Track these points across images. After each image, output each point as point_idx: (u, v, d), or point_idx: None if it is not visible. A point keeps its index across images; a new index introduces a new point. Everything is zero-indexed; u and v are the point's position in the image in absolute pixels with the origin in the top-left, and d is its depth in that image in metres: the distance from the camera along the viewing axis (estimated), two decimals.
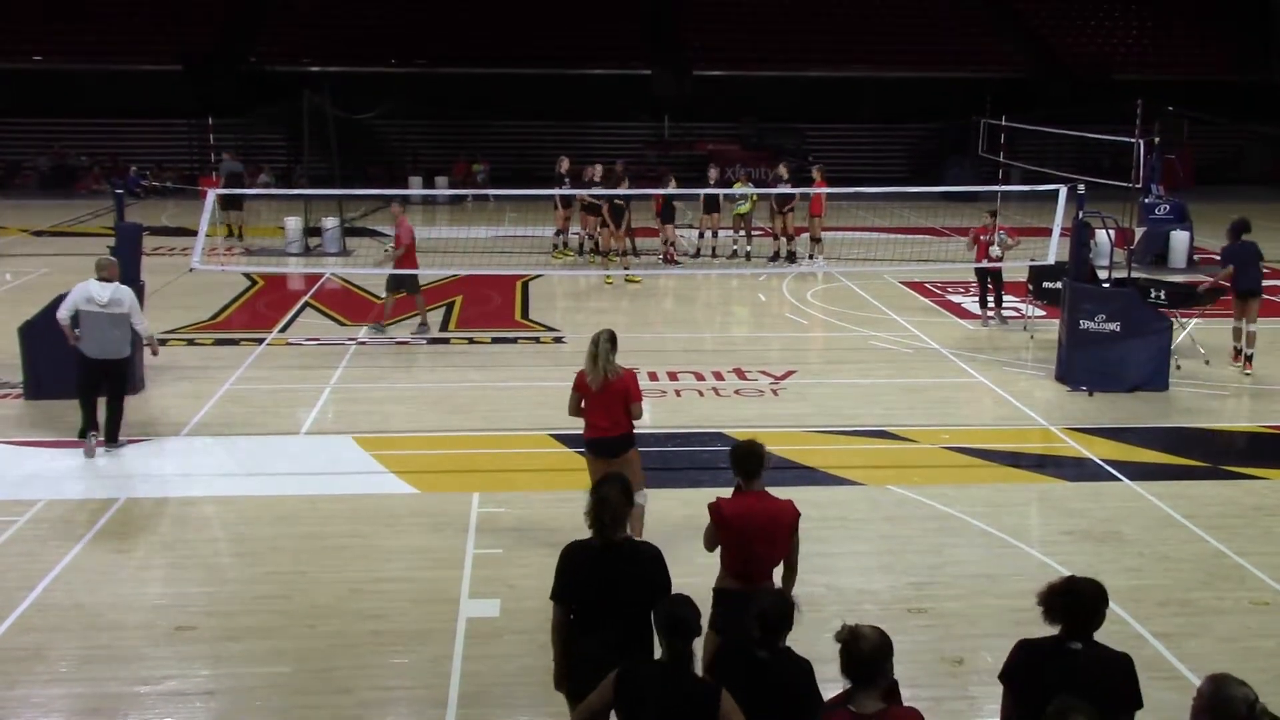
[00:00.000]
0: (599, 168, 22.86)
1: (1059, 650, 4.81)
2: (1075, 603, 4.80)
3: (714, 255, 23.39)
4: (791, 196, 22.57)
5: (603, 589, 5.54)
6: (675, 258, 22.85)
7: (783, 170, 23.56)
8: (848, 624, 4.59)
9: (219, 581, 8.66)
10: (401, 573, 8.74)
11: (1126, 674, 4.80)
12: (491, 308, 18.81)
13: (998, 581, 8.61)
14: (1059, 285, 14.85)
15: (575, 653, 5.59)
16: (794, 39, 40.00)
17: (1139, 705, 4.79)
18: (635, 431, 8.83)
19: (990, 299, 17.54)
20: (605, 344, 8.56)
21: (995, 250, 17.03)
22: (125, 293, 11.28)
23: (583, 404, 8.73)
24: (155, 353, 12.12)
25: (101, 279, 11.23)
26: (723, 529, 6.24)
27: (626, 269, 20.99)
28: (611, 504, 5.58)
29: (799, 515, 6.22)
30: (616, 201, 21.19)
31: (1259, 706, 3.99)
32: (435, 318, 17.83)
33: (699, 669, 4.99)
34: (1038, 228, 18.94)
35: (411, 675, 7.31)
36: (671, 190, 22.12)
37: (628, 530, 5.78)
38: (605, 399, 8.57)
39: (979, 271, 17.64)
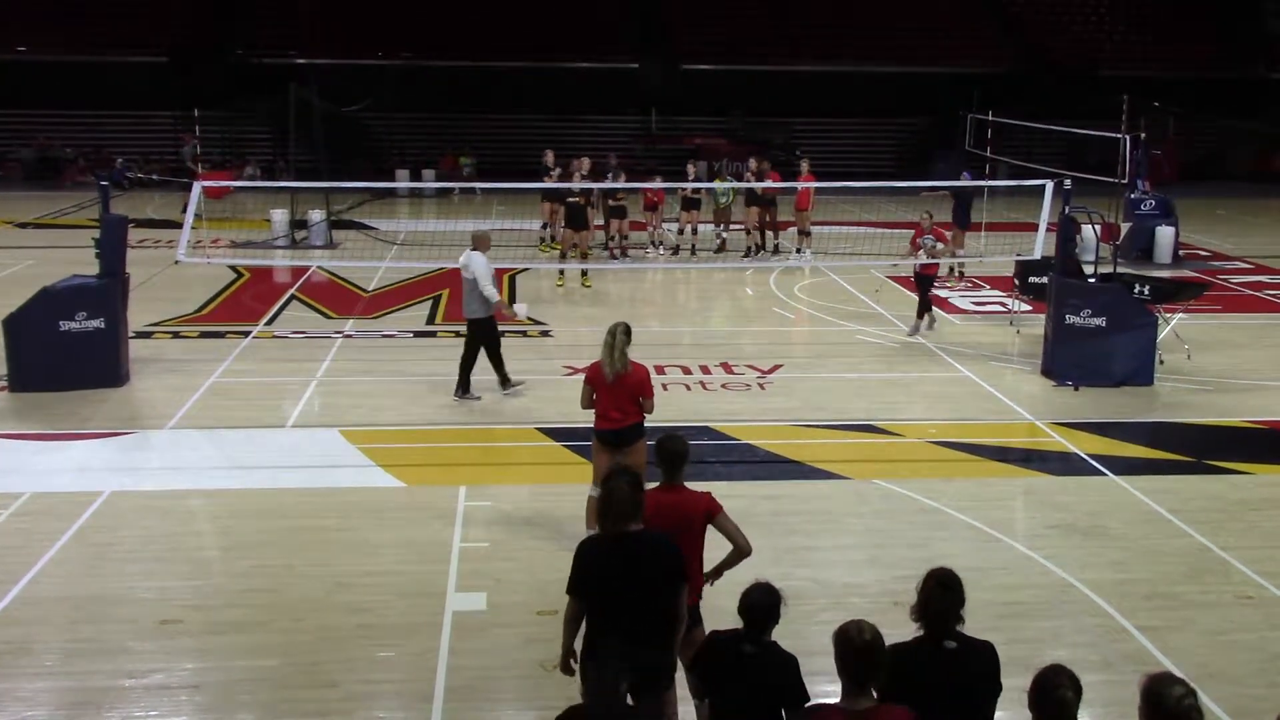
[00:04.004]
0: (586, 161, 22.80)
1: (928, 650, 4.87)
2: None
3: (693, 252, 23.16)
4: (760, 192, 22.15)
5: (616, 581, 5.48)
6: (628, 250, 22.80)
7: (753, 164, 23.37)
8: (850, 621, 4.57)
9: (205, 575, 8.64)
10: (388, 566, 8.73)
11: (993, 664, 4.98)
12: None
13: (984, 575, 8.63)
14: (1045, 280, 14.90)
15: (599, 647, 5.44)
16: (781, 33, 39.99)
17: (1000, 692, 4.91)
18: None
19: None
20: (621, 335, 8.55)
21: (922, 255, 16.31)
22: (472, 258, 12.50)
23: (594, 396, 8.72)
24: (512, 319, 13.56)
25: (471, 249, 12.66)
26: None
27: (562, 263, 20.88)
28: (619, 497, 5.54)
29: (715, 507, 6.22)
30: (618, 198, 21.39)
31: (1186, 702, 4.00)
32: (423, 311, 17.81)
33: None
34: (1024, 223, 18.97)
35: (398, 669, 7.31)
36: (659, 184, 22.03)
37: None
38: (618, 391, 8.57)
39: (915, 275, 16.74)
